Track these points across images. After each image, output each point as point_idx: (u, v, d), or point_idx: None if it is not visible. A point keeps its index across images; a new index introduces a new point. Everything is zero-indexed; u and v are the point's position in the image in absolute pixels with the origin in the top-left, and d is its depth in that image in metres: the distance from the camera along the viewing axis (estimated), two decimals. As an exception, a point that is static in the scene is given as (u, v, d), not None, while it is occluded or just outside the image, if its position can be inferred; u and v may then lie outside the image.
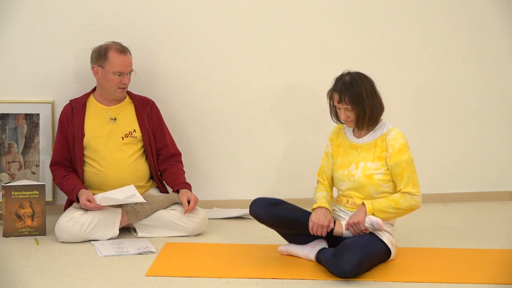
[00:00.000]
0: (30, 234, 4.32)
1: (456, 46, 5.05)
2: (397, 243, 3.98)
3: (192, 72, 4.89)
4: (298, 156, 5.01)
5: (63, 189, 4.41)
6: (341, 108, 3.85)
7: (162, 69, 4.85)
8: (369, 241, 3.72)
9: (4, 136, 4.76)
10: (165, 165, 4.56)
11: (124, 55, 4.38)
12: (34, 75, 4.76)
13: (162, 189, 4.55)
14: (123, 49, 4.39)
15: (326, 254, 3.72)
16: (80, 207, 4.29)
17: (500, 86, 5.12)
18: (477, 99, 5.12)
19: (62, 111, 4.50)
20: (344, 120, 3.88)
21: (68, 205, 4.43)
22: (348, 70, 3.88)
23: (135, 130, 4.46)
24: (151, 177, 4.55)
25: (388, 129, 3.87)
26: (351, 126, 3.91)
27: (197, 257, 3.97)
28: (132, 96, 4.54)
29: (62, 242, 4.20)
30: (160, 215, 4.33)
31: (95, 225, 4.21)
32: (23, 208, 4.32)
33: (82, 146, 4.41)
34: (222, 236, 4.36)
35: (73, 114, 4.44)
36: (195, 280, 3.62)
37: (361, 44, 4.97)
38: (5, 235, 4.30)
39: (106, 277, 3.66)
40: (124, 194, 4.27)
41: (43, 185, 4.36)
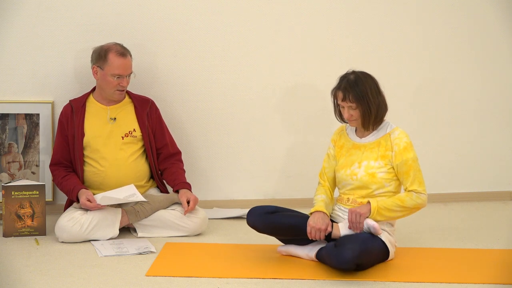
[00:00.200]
0: (30, 234, 4.32)
1: (456, 46, 5.05)
2: (397, 243, 3.98)
3: (192, 72, 4.89)
4: (298, 156, 5.01)
5: (63, 189, 4.41)
6: (345, 107, 3.85)
7: (162, 69, 4.85)
8: (369, 237, 3.73)
9: (4, 136, 4.76)
10: (165, 164, 4.56)
11: (124, 58, 4.37)
12: (34, 75, 4.76)
13: (162, 189, 4.55)
14: (123, 52, 4.38)
15: (327, 247, 3.75)
16: (80, 207, 4.29)
17: (500, 86, 5.12)
18: (477, 99, 5.12)
19: (62, 111, 4.50)
20: (348, 119, 3.87)
21: (68, 205, 4.43)
22: (353, 69, 3.89)
23: (135, 130, 4.46)
24: (151, 177, 4.55)
25: (392, 129, 3.88)
26: (355, 126, 3.91)
27: (197, 257, 3.97)
28: (132, 96, 4.54)
29: (62, 242, 4.20)
30: (160, 215, 4.33)
31: (95, 225, 4.21)
32: (23, 208, 4.32)
33: (82, 146, 4.41)
34: (222, 236, 4.36)
35: (73, 114, 4.44)
36: (195, 280, 3.62)
37: (361, 44, 4.97)
38: (5, 235, 4.30)
39: (106, 277, 3.65)
40: (124, 194, 4.28)
41: (43, 185, 4.36)
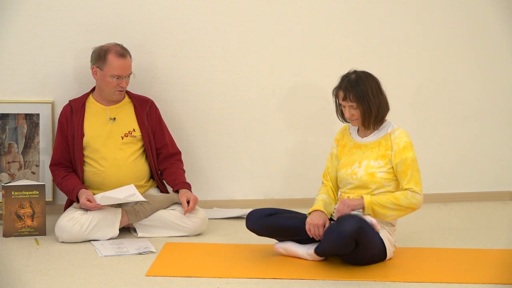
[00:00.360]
0: (30, 234, 4.32)
1: (456, 46, 5.05)
2: (397, 243, 3.98)
3: (192, 72, 4.89)
4: (298, 156, 5.01)
5: (63, 189, 4.41)
6: (346, 106, 3.85)
7: (162, 69, 4.85)
8: (370, 228, 3.73)
9: (4, 136, 4.76)
10: (165, 164, 4.56)
11: (124, 59, 4.37)
12: (34, 75, 4.76)
13: (162, 189, 4.55)
14: (123, 53, 4.38)
15: (327, 228, 3.76)
16: (80, 207, 4.29)
17: (500, 86, 5.12)
18: (477, 99, 5.12)
19: (62, 112, 4.50)
20: (349, 118, 3.88)
21: (68, 205, 4.43)
22: (354, 69, 3.89)
23: (135, 130, 4.47)
24: (151, 177, 4.55)
25: (393, 129, 3.88)
26: (356, 125, 3.92)
27: (197, 257, 3.97)
28: (131, 96, 4.54)
29: (62, 242, 4.20)
30: (160, 215, 4.33)
31: (95, 225, 4.21)
32: (23, 208, 4.32)
33: (82, 146, 4.41)
34: (222, 236, 4.36)
35: (73, 115, 4.44)
36: (195, 280, 3.62)
37: (361, 44, 4.97)
38: (5, 235, 4.30)
39: (106, 277, 3.65)
40: (124, 194, 4.28)
41: (43, 185, 4.36)
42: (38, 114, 4.77)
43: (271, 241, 4.10)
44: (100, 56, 4.37)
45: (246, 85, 4.94)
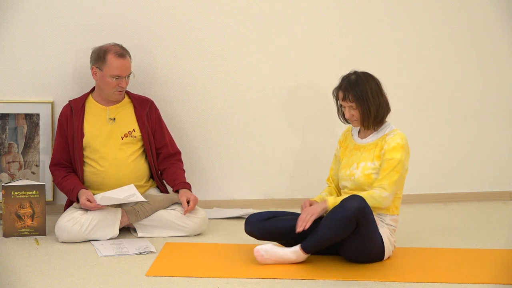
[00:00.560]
0: (30, 234, 4.32)
1: (456, 46, 5.05)
2: (396, 243, 3.98)
3: (192, 72, 4.89)
4: (298, 156, 5.01)
5: (63, 190, 4.41)
6: (346, 106, 3.86)
7: (162, 69, 4.85)
8: (371, 212, 3.72)
9: (4, 136, 4.76)
10: (165, 164, 4.56)
11: (123, 59, 4.37)
12: (34, 75, 4.76)
13: (162, 189, 4.55)
14: (122, 53, 4.38)
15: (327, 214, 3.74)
16: (80, 207, 4.29)
17: (500, 86, 5.13)
18: (477, 99, 5.12)
19: (61, 112, 4.50)
20: (349, 119, 3.88)
21: (68, 205, 4.43)
22: (355, 70, 3.89)
23: (135, 130, 4.46)
24: (151, 177, 4.55)
25: (391, 130, 3.87)
26: (356, 126, 3.92)
27: (197, 257, 3.97)
28: (131, 96, 4.54)
29: (62, 242, 4.20)
30: (160, 215, 4.33)
31: (95, 225, 4.21)
32: (23, 208, 4.32)
33: (82, 147, 4.41)
34: (222, 236, 4.36)
35: (72, 115, 4.44)
36: (195, 280, 3.62)
37: (361, 44, 4.97)
38: (5, 235, 4.30)
39: (106, 277, 3.65)
40: (124, 194, 4.27)
41: (43, 185, 4.36)
42: (38, 114, 4.77)
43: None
44: (100, 57, 4.37)
45: (246, 85, 4.94)
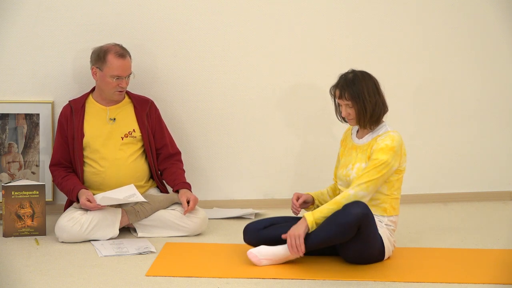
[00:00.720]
0: (30, 234, 4.32)
1: (456, 46, 5.05)
2: (396, 243, 3.98)
3: (192, 72, 4.89)
4: (298, 156, 5.01)
5: (63, 190, 4.41)
6: (342, 105, 3.86)
7: (162, 69, 4.85)
8: (373, 219, 3.72)
9: (4, 136, 4.76)
10: (165, 165, 4.56)
11: (123, 59, 4.37)
12: (34, 75, 4.76)
13: (162, 189, 4.55)
14: (123, 53, 4.38)
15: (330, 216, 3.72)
16: (80, 207, 4.29)
17: (500, 86, 5.12)
18: (477, 99, 5.12)
19: (61, 112, 4.50)
20: (346, 117, 3.88)
21: (68, 205, 4.43)
22: (353, 69, 3.89)
23: (135, 130, 4.46)
24: (151, 177, 4.55)
25: (384, 131, 3.85)
26: (353, 124, 3.92)
27: (197, 257, 3.97)
28: (131, 96, 4.54)
29: (62, 242, 4.20)
30: (160, 215, 4.33)
31: (95, 225, 4.21)
32: (23, 208, 4.32)
33: (82, 147, 4.41)
34: (222, 236, 4.36)
35: (72, 115, 4.44)
36: (195, 280, 3.62)
37: (361, 44, 4.97)
38: (5, 235, 4.30)
39: (106, 277, 3.65)
40: (124, 194, 4.27)
41: (43, 185, 4.36)
42: (38, 114, 4.77)
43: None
44: (100, 57, 4.37)
45: (246, 85, 4.94)
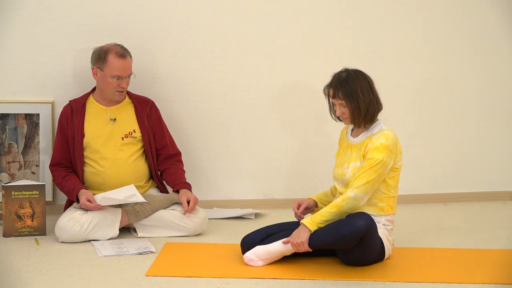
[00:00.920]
0: (30, 234, 4.32)
1: (456, 46, 5.05)
2: (396, 243, 3.98)
3: (192, 72, 4.89)
4: (298, 156, 5.01)
5: (63, 190, 4.41)
6: (336, 104, 3.86)
7: (162, 69, 4.85)
8: (376, 228, 3.72)
9: (4, 136, 4.76)
10: (165, 165, 4.56)
11: (124, 59, 4.37)
12: (34, 75, 4.76)
13: (162, 189, 4.55)
14: (123, 53, 4.38)
15: (330, 223, 3.71)
16: (80, 207, 4.29)
17: (500, 86, 5.12)
18: (477, 99, 5.12)
19: (62, 112, 4.50)
20: (340, 116, 3.88)
21: (68, 205, 4.43)
22: (347, 67, 3.89)
23: (135, 130, 4.46)
24: (151, 177, 4.55)
25: (379, 130, 3.85)
26: (347, 123, 3.92)
27: (197, 257, 3.97)
28: (132, 96, 4.54)
29: (62, 242, 4.20)
30: (160, 215, 4.33)
31: (95, 225, 4.21)
32: (23, 208, 4.32)
33: (82, 147, 4.41)
34: (222, 236, 4.36)
35: (73, 115, 4.44)
36: (195, 280, 3.62)
37: (361, 44, 4.97)
38: (5, 235, 4.30)
39: (106, 277, 3.65)
40: (124, 194, 4.27)
41: (43, 185, 4.36)
42: (38, 114, 4.77)
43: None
44: (100, 57, 4.37)
45: (246, 85, 4.94)
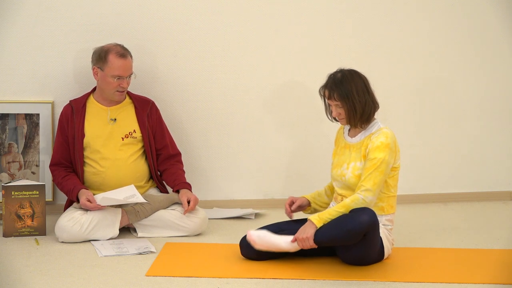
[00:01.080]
0: (30, 234, 4.32)
1: (457, 46, 5.05)
2: (396, 243, 3.98)
3: (192, 72, 4.89)
4: (298, 156, 5.01)
5: (63, 189, 4.41)
6: (332, 105, 3.86)
7: (162, 69, 4.85)
8: (378, 225, 3.73)
9: (4, 136, 4.76)
10: (165, 165, 4.56)
11: (124, 59, 4.37)
12: (34, 75, 4.76)
13: (162, 189, 4.55)
14: (124, 53, 4.38)
15: (336, 218, 3.70)
16: (80, 207, 4.29)
17: (500, 86, 5.12)
18: (477, 99, 5.12)
19: (62, 112, 4.50)
20: (337, 117, 3.88)
21: (68, 205, 4.43)
22: (342, 68, 3.88)
23: (135, 131, 4.46)
24: (151, 177, 4.55)
25: (377, 129, 3.85)
26: (344, 124, 3.91)
27: (197, 257, 3.97)
28: (132, 96, 4.54)
29: (62, 242, 4.20)
30: (160, 215, 4.33)
31: (95, 225, 4.21)
32: (23, 208, 4.32)
33: (82, 147, 4.41)
34: (222, 236, 4.36)
35: (73, 115, 4.44)
36: (195, 280, 3.62)
37: (361, 44, 4.97)
38: (5, 235, 4.30)
39: (106, 277, 3.66)
40: (124, 194, 4.27)
41: (43, 185, 4.36)
42: (38, 114, 4.77)
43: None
44: (101, 57, 4.37)
45: (246, 85, 4.94)
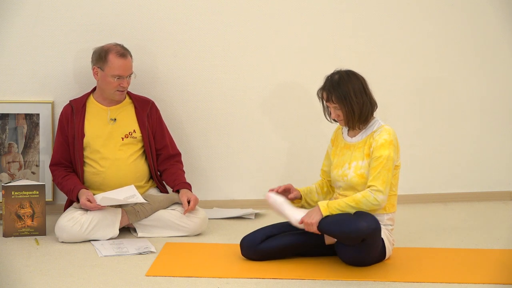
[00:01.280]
0: (30, 234, 4.32)
1: (457, 47, 5.05)
2: (396, 243, 3.98)
3: (192, 72, 4.89)
4: (298, 156, 5.01)
5: (63, 189, 4.41)
6: (331, 107, 3.86)
7: (162, 69, 4.85)
8: (380, 231, 3.73)
9: (4, 136, 4.76)
10: (165, 165, 4.56)
11: (124, 59, 4.37)
12: (34, 75, 4.76)
13: (162, 189, 4.55)
14: (124, 53, 4.38)
15: (341, 214, 3.71)
16: (80, 207, 4.29)
17: (501, 86, 5.13)
18: (478, 99, 5.12)
19: (62, 112, 4.50)
20: (336, 119, 3.88)
21: (68, 205, 4.43)
22: (339, 69, 3.88)
23: (135, 131, 4.46)
24: (151, 177, 4.55)
25: (378, 127, 3.85)
26: (343, 125, 3.91)
27: (197, 257, 3.97)
28: (132, 96, 4.54)
29: (62, 242, 4.20)
30: (160, 215, 4.33)
31: (95, 225, 4.21)
32: (23, 208, 4.32)
33: (82, 147, 4.41)
34: (222, 236, 4.36)
35: (73, 115, 4.44)
36: (195, 280, 3.62)
37: (361, 44, 4.97)
38: (5, 235, 4.31)
39: (106, 277, 3.66)
40: (124, 194, 4.27)
41: (43, 185, 4.36)
42: (38, 114, 4.77)
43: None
44: (101, 57, 4.37)
45: (246, 85, 4.94)
